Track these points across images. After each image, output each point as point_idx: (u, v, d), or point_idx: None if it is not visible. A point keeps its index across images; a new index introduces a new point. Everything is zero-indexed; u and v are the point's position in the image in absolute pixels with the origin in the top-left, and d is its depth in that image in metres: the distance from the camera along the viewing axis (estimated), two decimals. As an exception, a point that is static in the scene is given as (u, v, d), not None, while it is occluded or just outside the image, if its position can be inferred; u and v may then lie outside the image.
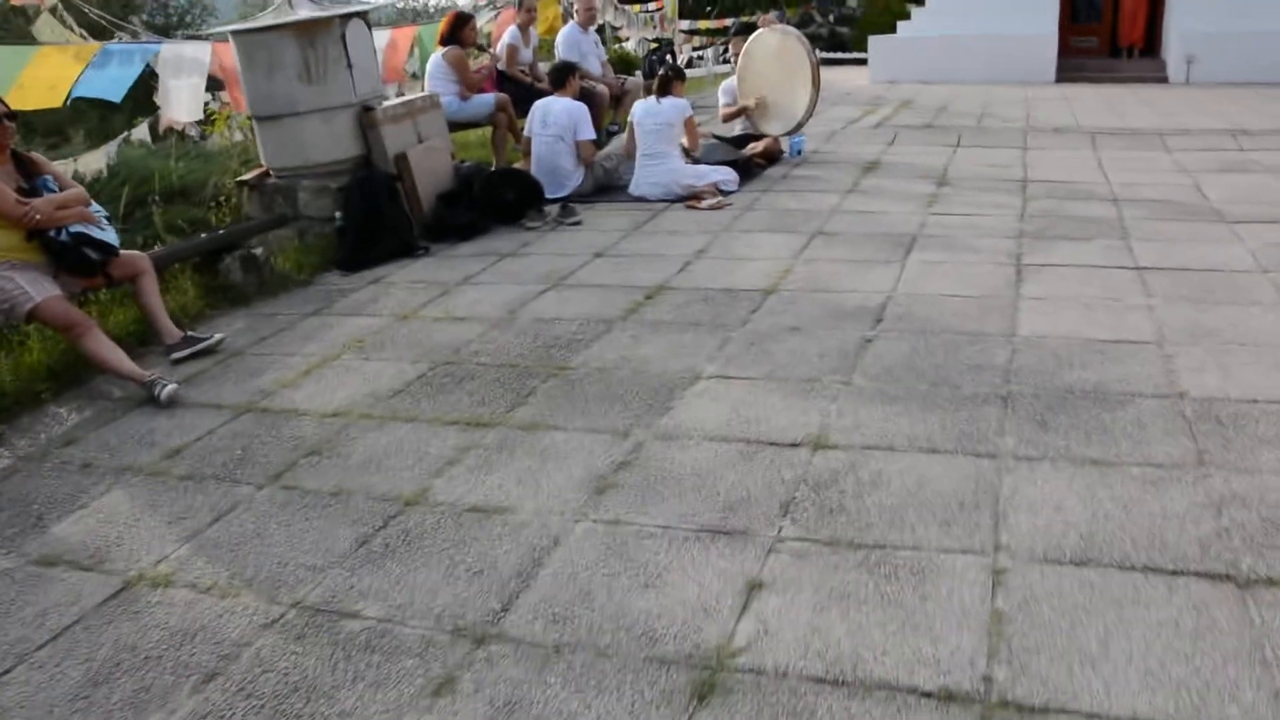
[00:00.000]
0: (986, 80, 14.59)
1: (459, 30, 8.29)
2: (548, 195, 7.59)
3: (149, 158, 8.36)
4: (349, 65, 6.68)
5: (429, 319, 5.19)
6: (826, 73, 19.91)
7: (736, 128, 8.87)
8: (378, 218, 6.46)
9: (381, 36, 10.01)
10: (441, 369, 4.47)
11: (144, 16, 30.03)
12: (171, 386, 4.47)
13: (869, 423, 3.53)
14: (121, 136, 7.72)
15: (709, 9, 30.16)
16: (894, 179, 7.69)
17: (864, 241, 5.92)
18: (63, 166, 7.26)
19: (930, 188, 7.29)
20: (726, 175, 7.47)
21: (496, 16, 13.24)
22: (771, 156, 8.43)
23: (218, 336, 5.12)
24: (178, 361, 4.94)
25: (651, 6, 20.33)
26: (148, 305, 5.04)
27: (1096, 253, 5.46)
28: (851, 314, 4.69)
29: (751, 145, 8.43)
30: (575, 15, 10.25)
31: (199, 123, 10.83)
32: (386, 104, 7.06)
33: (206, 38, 7.13)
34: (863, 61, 17.16)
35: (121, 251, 4.99)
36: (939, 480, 3.09)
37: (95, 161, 7.50)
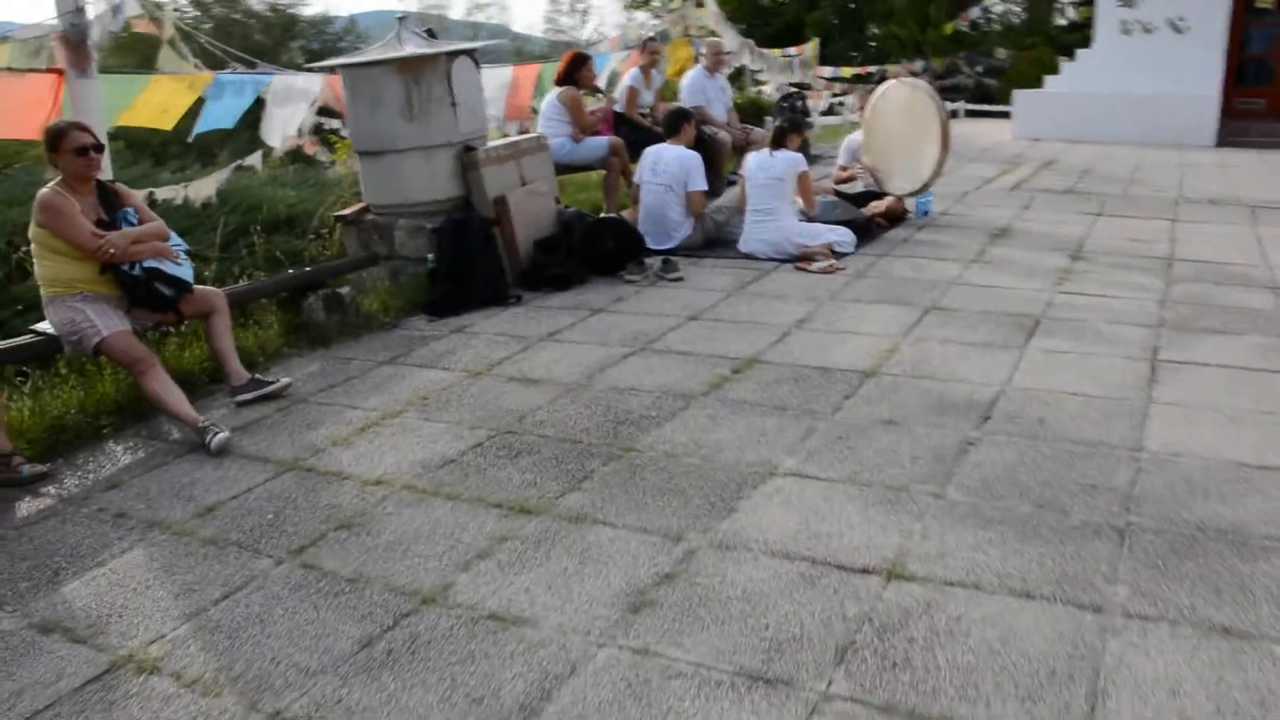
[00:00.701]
0: (1137, 141, 13.73)
1: (576, 71, 8.10)
2: (654, 246, 7.29)
3: (265, 185, 8.40)
4: (453, 104, 6.52)
5: (502, 378, 4.91)
6: (968, 126, 19.19)
7: (859, 184, 8.41)
8: (470, 263, 6.25)
9: (502, 74, 9.93)
10: (501, 438, 4.16)
11: (302, 43, 31.31)
12: (222, 435, 4.29)
13: (956, 550, 3.05)
14: (234, 164, 7.74)
15: (855, 54, 29.65)
16: (1024, 249, 7.12)
17: (982, 321, 5.40)
18: (172, 193, 7.32)
19: (1063, 261, 6.70)
20: (842, 236, 7.02)
21: (629, 56, 13.10)
22: (894, 217, 7.95)
23: (285, 381, 4.95)
24: (242, 404, 4.78)
25: (792, 51, 19.98)
26: (218, 345, 4.90)
27: (1248, 352, 4.82)
28: (956, 408, 4.20)
29: (873, 204, 7.96)
30: (703, 59, 9.97)
31: (324, 144, 10.93)
32: (491, 144, 6.87)
33: (318, 70, 7.07)
34: (1008, 115, 16.44)
35: (197, 287, 4.87)
36: (1028, 636, 2.61)
37: (206, 188, 7.52)
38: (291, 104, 7.20)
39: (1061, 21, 28.39)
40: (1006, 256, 6.89)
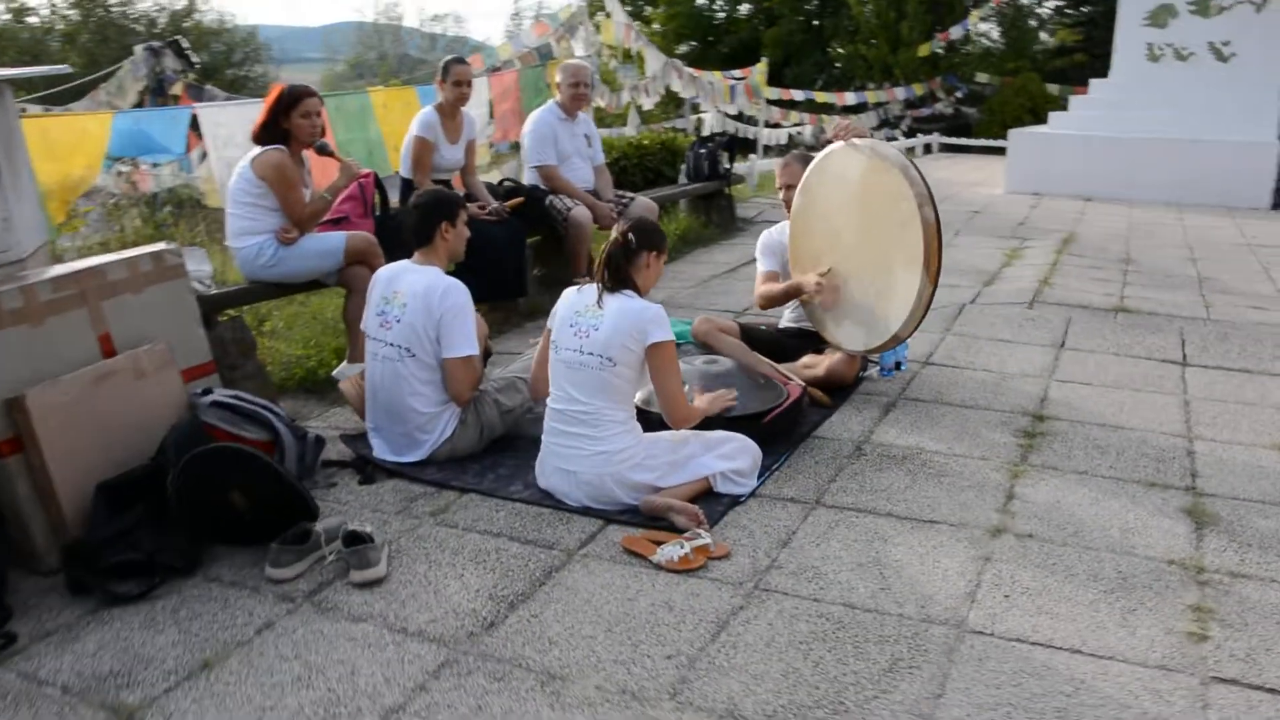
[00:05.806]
0: (1170, 201, 10.52)
1: (282, 117, 4.56)
2: (391, 455, 3.87)
3: None
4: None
5: None
6: (945, 168, 15.73)
7: (786, 314, 4.97)
8: None
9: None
10: None
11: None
12: None
13: None
14: None
15: (817, 77, 26.40)
16: (1088, 481, 3.68)
17: None
18: None
19: (1178, 535, 3.28)
20: (733, 461, 3.50)
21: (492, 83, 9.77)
22: (844, 384, 4.52)
23: None
24: None
25: (736, 74, 16.60)
26: None
27: None
28: None
29: (806, 361, 4.54)
30: (557, 91, 6.52)
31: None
32: (31, 283, 3.40)
33: None
34: (991, 151, 13.19)
35: None
36: None
37: None
38: None
39: (1044, 45, 25.36)
40: (1057, 509, 3.43)
